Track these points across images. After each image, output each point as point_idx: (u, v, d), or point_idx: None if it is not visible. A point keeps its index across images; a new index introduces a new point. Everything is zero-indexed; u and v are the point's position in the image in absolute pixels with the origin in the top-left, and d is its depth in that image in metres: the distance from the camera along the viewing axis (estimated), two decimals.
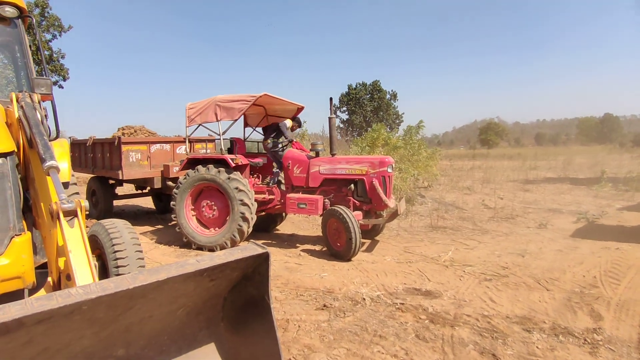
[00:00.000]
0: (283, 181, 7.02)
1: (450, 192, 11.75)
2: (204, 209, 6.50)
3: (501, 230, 7.12)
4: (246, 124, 8.11)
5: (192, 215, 6.59)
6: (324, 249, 6.16)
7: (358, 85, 48.94)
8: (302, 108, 7.51)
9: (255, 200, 6.47)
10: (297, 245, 6.56)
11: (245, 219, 6.04)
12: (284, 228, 8.01)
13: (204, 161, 6.48)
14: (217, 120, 6.42)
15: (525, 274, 4.77)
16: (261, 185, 7.15)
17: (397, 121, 48.73)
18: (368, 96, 48.40)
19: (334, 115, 6.43)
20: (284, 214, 7.91)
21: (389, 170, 6.03)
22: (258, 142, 8.18)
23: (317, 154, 6.57)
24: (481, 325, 3.48)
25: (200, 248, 6.25)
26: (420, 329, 3.41)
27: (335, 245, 5.71)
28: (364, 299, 4.09)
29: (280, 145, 7.13)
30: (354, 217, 5.50)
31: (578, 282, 4.45)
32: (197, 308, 2.21)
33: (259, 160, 7.20)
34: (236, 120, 6.43)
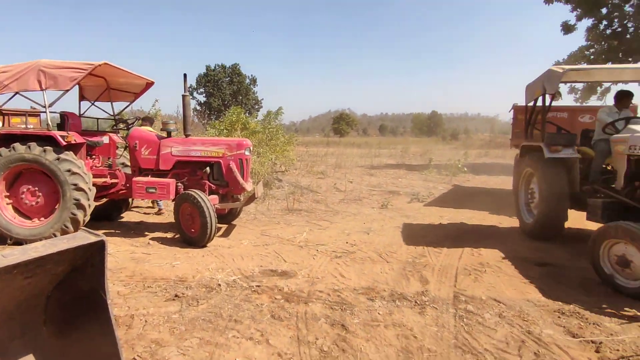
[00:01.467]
0: (128, 163, 6.29)
1: (306, 177, 12.29)
2: (23, 196, 5.39)
3: (350, 211, 7.75)
4: (82, 97, 6.98)
5: (7, 204, 5.41)
6: (176, 236, 5.77)
7: (217, 67, 47.13)
8: (152, 83, 6.82)
9: (94, 184, 5.65)
10: (146, 233, 5.99)
11: (80, 206, 5.22)
12: (130, 216, 7.23)
13: (24, 138, 5.34)
14: (42, 89, 5.32)
15: (370, 249, 5.28)
16: (101, 167, 6.28)
17: (257, 106, 48.70)
18: (227, 79, 47.05)
19: (187, 93, 6.00)
20: (130, 200, 7.12)
21: (247, 153, 5.93)
22: (98, 118, 7.15)
23: (169, 135, 6.06)
24: (332, 299, 3.71)
25: (19, 243, 5.18)
26: (276, 309, 3.46)
27: (189, 232, 5.39)
28: (220, 284, 3.96)
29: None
30: (210, 201, 5.27)
31: (411, 253, 5.12)
32: (7, 313, 1.81)
33: (98, 139, 6.29)
34: (67, 91, 5.44)
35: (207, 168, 5.97)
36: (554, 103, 5.94)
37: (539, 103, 5.97)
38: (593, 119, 9.21)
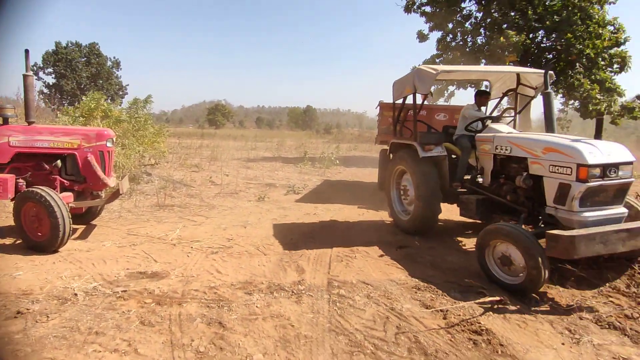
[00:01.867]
0: None
1: (179, 170, 11.60)
2: None
3: (227, 205, 7.57)
4: None
5: None
6: (18, 242, 4.89)
7: (70, 45, 41.05)
8: None
9: None
10: None
11: None
12: None
13: None
14: None
15: (248, 243, 5.25)
16: None
17: (121, 93, 43.98)
18: (84, 59, 41.38)
19: (30, 73, 5.10)
20: None
21: (109, 144, 5.32)
22: None
23: (6, 121, 5.08)
24: (208, 297, 3.59)
25: None
26: (146, 314, 3.20)
27: (35, 236, 4.62)
28: (76, 294, 3.49)
29: None
30: (61, 200, 4.59)
31: (288, 244, 5.25)
32: None
33: None
34: None
35: (58, 161, 5.18)
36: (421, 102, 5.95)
37: (409, 100, 6.07)
38: (447, 117, 10.23)
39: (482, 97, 5.95)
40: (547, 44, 17.59)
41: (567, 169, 3.82)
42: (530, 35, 17.08)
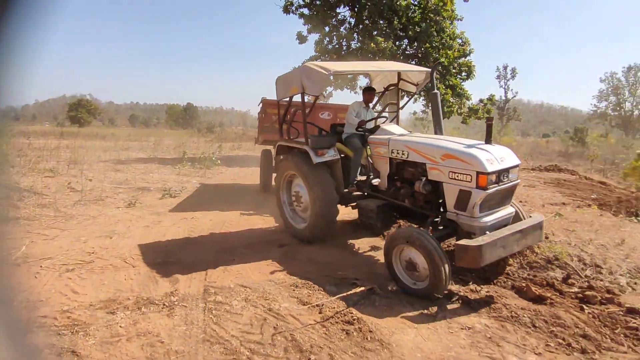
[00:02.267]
0: None
1: (28, 176, 9.94)
2: None
3: (89, 214, 6.72)
4: None
5: None
6: None
7: None
8: None
9: None
10: None
11: None
12: None
13: None
14: None
15: (113, 255, 4.72)
16: None
17: None
18: None
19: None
20: None
21: None
22: None
23: None
24: (60, 323, 3.12)
25: None
26: None
27: None
28: None
29: None
30: None
31: (161, 252, 4.87)
32: None
33: None
34: None
35: None
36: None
37: (297, 100, 5.57)
38: (331, 115, 9.98)
39: (370, 94, 5.80)
40: (411, 52, 19.58)
41: (466, 176, 3.77)
42: (397, 43, 18.82)
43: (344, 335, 3.13)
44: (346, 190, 5.23)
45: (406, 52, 19.73)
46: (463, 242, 3.53)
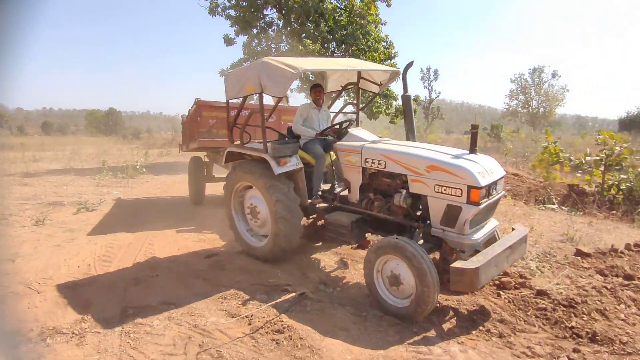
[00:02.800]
0: None
1: None
2: None
3: None
4: None
5: None
6: None
7: None
8: None
9: None
10: None
11: None
12: None
13: None
14: None
15: (15, 281, 4.20)
16: None
17: None
18: None
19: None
20: None
21: None
22: None
23: None
24: None
25: None
26: None
27: None
28: None
29: None
30: None
31: (73, 274, 4.42)
32: None
33: None
34: None
35: None
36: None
37: (249, 100, 5.05)
38: (275, 118, 8.07)
39: (318, 91, 5.09)
40: (339, 54, 19.97)
41: (456, 190, 3.39)
42: (325, 45, 19.09)
43: (273, 345, 3.03)
44: (309, 201, 4.65)
45: (334, 55, 20.10)
46: (458, 264, 3.17)
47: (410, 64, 4.32)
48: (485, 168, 3.48)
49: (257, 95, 4.48)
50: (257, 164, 4.65)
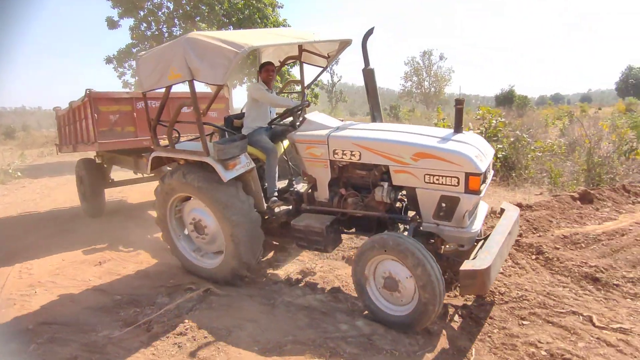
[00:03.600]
0: None
1: None
2: None
3: None
4: None
5: None
6: None
7: None
8: None
9: None
10: None
11: None
12: None
13: None
14: None
15: None
16: None
17: None
18: None
19: None
20: None
21: None
22: None
23: None
24: None
25: None
26: None
27: None
28: None
29: None
30: None
31: None
32: None
33: None
34: None
35: None
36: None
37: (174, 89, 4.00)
38: (191, 109, 5.75)
39: (269, 70, 4.22)
40: None
41: (452, 179, 2.91)
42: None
43: (175, 349, 2.85)
44: (267, 205, 3.90)
45: None
46: (468, 266, 2.69)
47: (370, 32, 3.63)
48: (480, 149, 3.02)
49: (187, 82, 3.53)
50: (194, 169, 3.77)
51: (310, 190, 3.84)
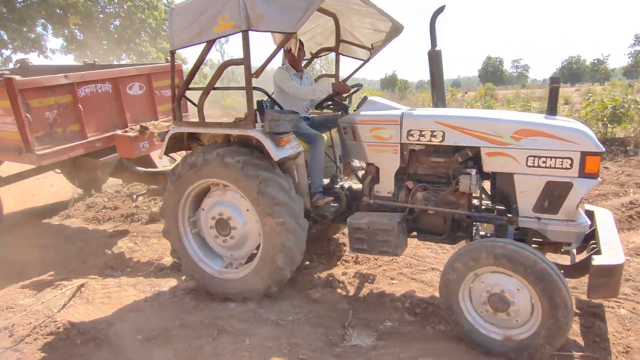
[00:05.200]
0: None
1: None
2: None
3: None
4: None
5: None
6: None
7: None
8: None
9: None
10: None
11: None
12: None
13: None
14: None
15: None
16: None
17: None
18: None
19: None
20: None
21: None
22: None
23: None
24: None
25: None
26: None
27: None
28: None
29: None
30: None
31: None
32: None
33: None
34: None
35: None
36: None
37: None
38: (144, 88, 4.91)
39: (297, 54, 3.58)
40: (111, 10, 17.44)
41: (563, 161, 2.49)
42: None
43: (46, 350, 2.63)
44: (313, 205, 3.26)
45: (106, 11, 17.46)
46: (602, 261, 2.25)
47: (440, 9, 3.06)
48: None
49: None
50: (229, 150, 3.00)
51: (370, 182, 3.23)
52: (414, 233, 3.11)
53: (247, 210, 3.08)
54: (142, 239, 4.49)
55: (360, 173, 3.72)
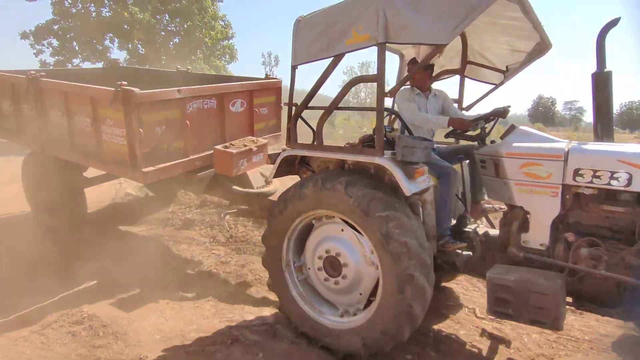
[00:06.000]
0: None
1: None
2: None
3: None
4: None
5: None
6: None
7: None
8: None
9: None
10: None
11: None
12: None
13: None
14: None
15: None
16: None
17: None
18: None
19: None
20: None
21: None
22: None
23: None
24: None
25: None
26: None
27: None
28: None
29: None
30: None
31: None
32: None
33: None
34: None
35: None
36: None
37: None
38: (245, 106, 4.45)
39: (423, 72, 3.08)
40: (172, 28, 18.59)
41: None
42: (157, 17, 17.52)
43: (69, 338, 2.72)
44: (442, 249, 2.75)
45: (168, 29, 18.64)
46: None
47: (613, 23, 2.48)
48: None
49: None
50: (350, 179, 2.54)
51: (517, 230, 2.64)
52: (569, 299, 2.43)
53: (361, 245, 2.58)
54: (174, 243, 4.60)
55: (492, 216, 3.17)
